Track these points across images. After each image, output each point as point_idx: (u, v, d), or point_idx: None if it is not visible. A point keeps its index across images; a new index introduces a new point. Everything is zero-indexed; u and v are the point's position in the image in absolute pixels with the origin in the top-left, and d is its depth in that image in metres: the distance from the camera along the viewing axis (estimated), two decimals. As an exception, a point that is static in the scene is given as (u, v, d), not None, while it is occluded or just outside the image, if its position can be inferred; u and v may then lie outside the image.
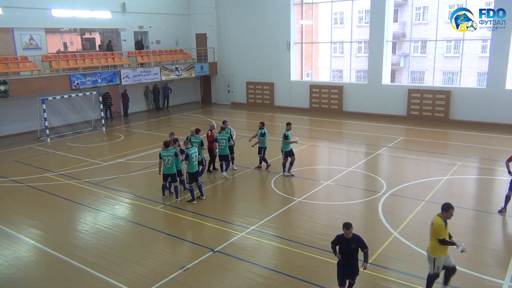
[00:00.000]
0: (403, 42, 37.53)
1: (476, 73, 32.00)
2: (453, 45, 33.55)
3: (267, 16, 27.88)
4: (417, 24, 34.22)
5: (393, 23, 27.87)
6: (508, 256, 8.88)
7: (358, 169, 15.13)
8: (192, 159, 12.19)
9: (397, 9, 35.18)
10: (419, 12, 35.32)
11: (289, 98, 28.22)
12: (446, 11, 33.24)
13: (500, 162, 13.36)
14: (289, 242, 9.74)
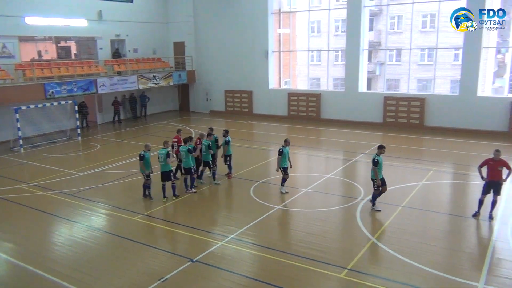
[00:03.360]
0: (379, 50, 38.24)
1: (449, 80, 32.80)
2: (427, 53, 34.36)
3: (245, 24, 28.03)
4: (392, 33, 34.94)
5: (369, 32, 28.46)
6: (482, 259, 9.07)
7: (336, 175, 15.27)
8: (160, 159, 12.69)
9: (372, 18, 35.82)
10: (394, 21, 36.08)
11: (268, 106, 28.35)
12: (419, 20, 34.11)
13: (473, 168, 13.68)
14: (268, 250, 9.72)
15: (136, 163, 14.98)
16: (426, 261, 9.01)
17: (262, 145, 20.69)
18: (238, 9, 28.17)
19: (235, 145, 17.51)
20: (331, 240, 10.29)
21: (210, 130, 14.77)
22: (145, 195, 13.16)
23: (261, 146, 20.58)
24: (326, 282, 8.51)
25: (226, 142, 14.64)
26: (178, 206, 12.84)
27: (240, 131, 23.84)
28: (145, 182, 13.03)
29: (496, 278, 8.39)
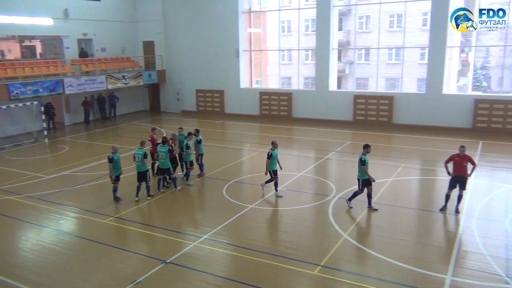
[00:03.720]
0: (348, 49, 38.85)
1: (416, 79, 33.69)
2: (394, 52, 35.16)
3: (216, 24, 27.92)
4: (360, 33, 35.57)
5: (338, 31, 28.83)
6: (449, 252, 9.36)
7: (308, 174, 15.42)
8: (136, 159, 12.62)
9: (341, 18, 36.36)
10: (362, 21, 36.74)
11: (240, 106, 28.34)
12: (387, 20, 34.86)
13: (440, 163, 14.10)
14: (242, 249, 9.73)
15: (105, 165, 14.68)
16: (396, 255, 9.23)
17: (235, 145, 20.69)
18: (208, 8, 28.03)
19: (207, 145, 17.43)
20: (304, 237, 10.39)
21: (196, 132, 14.73)
22: (116, 199, 12.89)
23: (234, 145, 20.56)
24: (299, 279, 8.59)
25: (198, 141, 14.58)
26: (150, 207, 12.68)
27: (212, 130, 23.75)
28: (114, 185, 12.76)
29: (463, 270, 8.68)
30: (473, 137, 20.27)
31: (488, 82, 42.83)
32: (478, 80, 42.35)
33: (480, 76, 42.84)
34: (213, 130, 24.23)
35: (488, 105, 21.49)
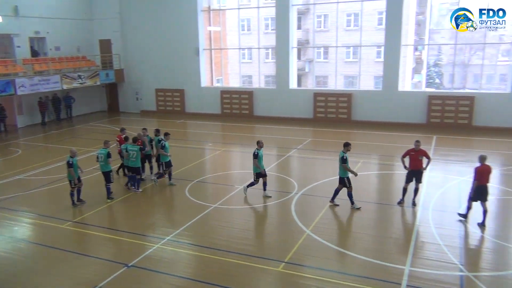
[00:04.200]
0: (307, 48, 39.39)
1: (373, 76, 34.61)
2: (352, 51, 35.97)
3: (174, 22, 27.55)
4: (319, 31, 36.15)
5: (297, 30, 29.19)
6: (407, 244, 9.70)
7: (270, 171, 15.50)
8: (99, 159, 12.43)
9: (300, 17, 36.81)
10: (321, 20, 37.35)
11: (201, 105, 28.12)
12: (344, 19, 35.58)
13: (397, 158, 14.56)
14: (206, 249, 9.68)
15: (62, 168, 14.20)
16: (357, 249, 9.47)
17: (196, 144, 20.52)
18: (166, 6, 27.61)
19: (168, 145, 17.20)
20: (268, 235, 10.47)
21: (156, 132, 14.47)
22: (74, 204, 12.47)
23: (195, 145, 20.40)
24: (264, 277, 8.65)
25: (159, 141, 14.36)
26: (111, 210, 12.37)
27: (173, 130, 23.38)
28: (72, 189, 12.35)
29: (420, 260, 9.02)
30: (427, 132, 21.07)
31: (441, 79, 44.65)
32: (431, 77, 44.06)
33: (433, 73, 44.59)
34: (174, 129, 23.89)
35: (440, 101, 22.40)
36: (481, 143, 19.29)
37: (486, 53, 29.10)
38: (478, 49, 33.56)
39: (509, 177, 14.58)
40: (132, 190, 13.48)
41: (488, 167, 10.29)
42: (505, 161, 16.70)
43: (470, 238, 9.87)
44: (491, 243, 9.70)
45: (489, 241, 9.76)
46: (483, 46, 25.51)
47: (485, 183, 10.30)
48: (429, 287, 7.97)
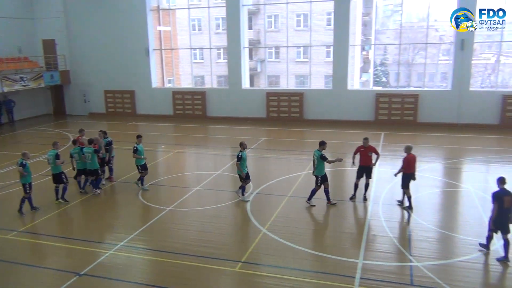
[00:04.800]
0: (259, 48, 39.64)
1: (323, 75, 35.40)
2: (302, 50, 36.60)
3: (123, 21, 26.82)
4: (270, 32, 36.46)
5: (249, 30, 29.27)
6: (360, 238, 10.01)
7: (225, 172, 15.49)
8: (49, 161, 12.25)
9: (251, 17, 36.97)
10: (271, 20, 37.71)
11: (152, 106, 27.57)
12: (294, 19, 36.13)
13: (348, 155, 14.94)
14: (162, 253, 9.50)
15: (4, 175, 13.46)
16: (312, 245, 9.65)
17: (149, 147, 20.07)
18: (113, 5, 26.83)
19: (120, 148, 16.77)
20: (225, 235, 10.44)
21: (103, 134, 14.07)
22: (33, 208, 11.97)
23: (148, 147, 19.94)
24: (222, 278, 8.61)
25: (108, 143, 13.99)
26: (60, 217, 11.84)
27: (124, 133, 22.83)
28: (25, 195, 11.77)
29: (372, 253, 9.33)
30: (376, 129, 21.83)
31: (387, 78, 46.42)
32: (378, 76, 45.70)
33: (380, 72, 46.28)
34: (125, 132, 23.30)
35: (387, 99, 23.29)
36: (426, 138, 20.25)
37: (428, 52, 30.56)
38: (421, 49, 35.16)
39: (452, 170, 15.41)
40: (94, 193, 13.22)
41: (414, 156, 11.19)
42: (448, 155, 17.63)
43: (418, 229, 10.33)
44: (437, 233, 10.20)
45: (435, 232, 10.25)
46: (425, 46, 26.74)
47: (413, 171, 11.27)
48: (381, 278, 8.26)
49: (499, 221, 8.69)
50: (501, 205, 8.61)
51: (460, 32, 21.35)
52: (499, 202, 8.64)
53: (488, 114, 21.79)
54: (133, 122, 26.14)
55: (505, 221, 8.67)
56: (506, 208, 8.60)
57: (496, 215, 8.69)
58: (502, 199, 8.63)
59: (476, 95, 22.31)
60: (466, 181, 14.09)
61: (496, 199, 8.68)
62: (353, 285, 8.00)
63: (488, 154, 16.98)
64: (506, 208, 8.60)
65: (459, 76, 21.91)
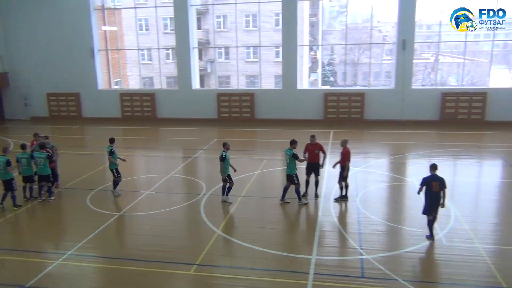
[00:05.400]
0: (208, 48, 39.43)
1: (273, 75, 35.81)
2: (252, 51, 36.80)
3: (65, 21, 25.75)
4: (219, 32, 36.37)
5: (197, 30, 29.04)
6: (312, 234, 10.20)
7: (177, 174, 15.28)
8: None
9: (199, 17, 36.70)
10: (220, 20, 37.63)
11: (99, 108, 26.68)
12: (243, 20, 36.25)
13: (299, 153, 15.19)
14: (113, 260, 9.21)
15: None
16: (267, 244, 9.72)
17: (96, 151, 19.42)
18: (54, 3, 25.68)
19: (64, 153, 16.09)
20: (178, 239, 10.29)
21: (44, 138, 13.44)
22: None
23: (95, 151, 19.30)
24: (176, 282, 8.49)
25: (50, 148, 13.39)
26: (3, 227, 11.16)
27: (69, 137, 21.94)
28: None
29: (325, 248, 9.55)
30: (325, 127, 22.37)
31: (334, 77, 47.70)
32: (326, 75, 46.87)
33: (328, 72, 47.48)
34: (70, 136, 22.41)
35: (335, 98, 23.94)
36: (372, 135, 21.02)
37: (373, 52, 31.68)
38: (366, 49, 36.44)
39: (397, 165, 16.08)
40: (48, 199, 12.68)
41: (348, 149, 11.91)
42: (393, 150, 18.39)
43: (367, 223, 10.68)
44: (385, 226, 10.60)
45: (384, 225, 10.66)
46: (369, 46, 27.71)
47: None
48: (334, 272, 8.47)
49: (430, 204, 9.44)
50: (430, 189, 9.35)
51: (402, 32, 22.40)
52: (428, 186, 9.36)
53: (429, 111, 22.97)
54: (79, 125, 25.16)
55: (434, 204, 9.40)
56: (435, 192, 9.30)
57: (427, 199, 9.45)
58: (431, 184, 9.34)
59: (418, 93, 23.44)
60: (410, 175, 14.74)
61: (425, 183, 9.42)
62: (307, 281, 8.14)
63: (430, 149, 17.88)
64: (434, 192, 9.31)
65: (402, 75, 22.92)
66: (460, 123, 22.47)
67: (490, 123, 22.14)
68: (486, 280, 8.11)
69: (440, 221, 10.40)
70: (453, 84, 36.89)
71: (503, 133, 20.52)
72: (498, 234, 10.09)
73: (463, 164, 16.34)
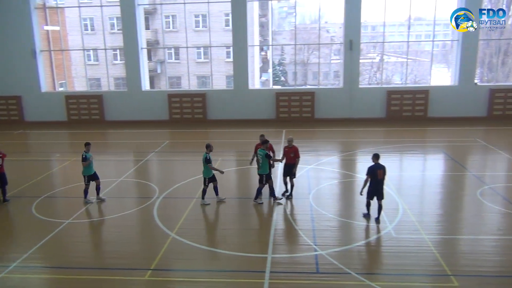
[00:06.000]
0: (157, 49, 38.75)
1: (225, 76, 35.76)
2: (203, 51, 36.58)
3: (3, 20, 24.35)
4: (168, 32, 35.84)
5: (146, 30, 28.48)
6: (268, 233, 10.29)
7: (128, 178, 14.89)
8: None
9: (148, 17, 36.00)
10: (169, 20, 37.09)
11: (43, 112, 25.47)
12: (193, 20, 35.95)
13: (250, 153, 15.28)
14: (62, 270, 8.83)
15: None
16: (222, 245, 9.70)
17: (41, 156, 18.55)
18: (-10, 2, 24.25)
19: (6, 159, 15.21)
20: (131, 244, 10.03)
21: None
22: None
23: (40, 157, 18.43)
24: (130, 288, 8.27)
25: None
26: None
27: (10, 142, 20.77)
28: None
29: (280, 246, 9.67)
30: (277, 126, 22.63)
31: (285, 77, 48.38)
32: (277, 75, 47.45)
33: (278, 72, 48.09)
34: (12, 141, 21.23)
35: (287, 97, 24.27)
36: (323, 133, 21.53)
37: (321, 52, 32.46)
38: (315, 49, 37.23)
39: (347, 162, 16.56)
40: None
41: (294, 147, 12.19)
42: (343, 148, 18.92)
43: (321, 219, 10.92)
44: (337, 221, 10.89)
45: (336, 220, 10.94)
46: (318, 46, 28.33)
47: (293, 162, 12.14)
48: (290, 270, 8.59)
49: (375, 190, 10.36)
50: (375, 177, 10.26)
51: (349, 33, 23.08)
52: (373, 174, 10.27)
53: (376, 109, 23.85)
54: (21, 130, 23.90)
55: (380, 189, 10.34)
56: (380, 179, 10.28)
57: (372, 186, 10.33)
58: (376, 172, 10.28)
59: (365, 91, 24.26)
60: (360, 172, 15.20)
61: (370, 172, 10.31)
62: (264, 279, 8.21)
63: (377, 145, 18.56)
64: (379, 179, 10.28)
65: (349, 74, 23.62)
66: (404, 120, 23.50)
67: (432, 119, 23.34)
68: (432, 268, 8.54)
69: (388, 215, 10.86)
70: (398, 83, 38.54)
71: (444, 128, 21.68)
72: (442, 225, 10.64)
73: (409, 159, 17.10)
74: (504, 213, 11.07)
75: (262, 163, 11.70)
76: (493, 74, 29.69)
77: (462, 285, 7.87)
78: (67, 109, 25.33)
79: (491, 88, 23.36)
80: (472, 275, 8.18)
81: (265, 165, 11.70)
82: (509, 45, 35.69)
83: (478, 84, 23.70)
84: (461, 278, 8.07)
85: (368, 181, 10.33)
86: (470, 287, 7.87)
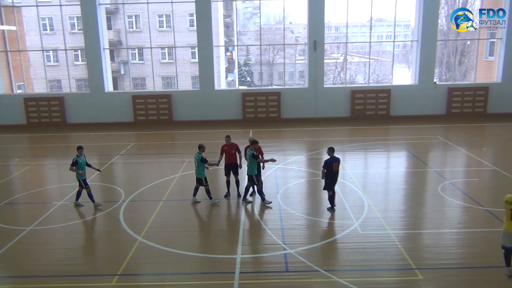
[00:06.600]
0: (120, 49, 37.97)
1: (190, 76, 35.49)
2: (167, 52, 36.14)
3: (-46, 19, 23.24)
4: (131, 32, 35.18)
5: (108, 30, 27.85)
6: (236, 233, 10.28)
7: (92, 181, 14.49)
8: None
9: (110, 17, 35.22)
10: (132, 20, 36.42)
11: (0, 115, 24.42)
12: (156, 20, 35.44)
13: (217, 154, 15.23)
14: (24, 279, 8.50)
15: None
16: (191, 247, 9.61)
17: (-1, 161, 17.80)
18: None
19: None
20: (97, 249, 9.79)
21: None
22: None
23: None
24: (97, 295, 8.06)
25: None
26: None
27: (-35, 147, 19.82)
28: None
29: (249, 246, 9.68)
30: (244, 126, 22.65)
31: (251, 77, 48.48)
32: (243, 76, 47.50)
33: (244, 72, 48.15)
34: (-33, 146, 20.26)
35: (253, 97, 24.33)
36: (290, 133, 21.72)
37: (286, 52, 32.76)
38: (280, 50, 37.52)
39: (314, 161, 16.77)
40: None
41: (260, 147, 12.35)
42: (310, 147, 19.16)
43: (289, 218, 11.01)
44: (305, 220, 11.01)
45: (304, 219, 11.06)
46: (283, 47, 28.55)
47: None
48: (259, 269, 8.62)
49: (332, 182, 11.00)
50: (331, 170, 10.85)
51: (313, 33, 23.38)
52: (329, 167, 10.84)
53: (341, 108, 24.28)
54: (-24, 134, 22.84)
55: (334, 181, 11.05)
56: (335, 171, 10.95)
57: (329, 178, 10.91)
58: (331, 165, 10.86)
59: (329, 91, 24.65)
60: (326, 170, 15.46)
61: (327, 165, 10.85)
62: (233, 280, 8.19)
63: (343, 144, 18.90)
64: (335, 171, 10.95)
65: (314, 74, 23.93)
66: (368, 118, 24.06)
67: (394, 117, 23.99)
68: (397, 263, 8.78)
69: (354, 211, 11.09)
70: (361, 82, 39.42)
71: (406, 126, 22.35)
72: (406, 220, 10.96)
73: (373, 156, 17.51)
74: (464, 207, 11.52)
75: (249, 163, 11.68)
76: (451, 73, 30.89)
77: (426, 278, 8.13)
78: (26, 112, 24.41)
79: (449, 87, 24.27)
80: (435, 268, 8.47)
81: (252, 166, 11.66)
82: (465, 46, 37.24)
83: (437, 83, 24.56)
84: (425, 271, 8.34)
85: (324, 174, 10.86)
86: (433, 279, 8.15)
